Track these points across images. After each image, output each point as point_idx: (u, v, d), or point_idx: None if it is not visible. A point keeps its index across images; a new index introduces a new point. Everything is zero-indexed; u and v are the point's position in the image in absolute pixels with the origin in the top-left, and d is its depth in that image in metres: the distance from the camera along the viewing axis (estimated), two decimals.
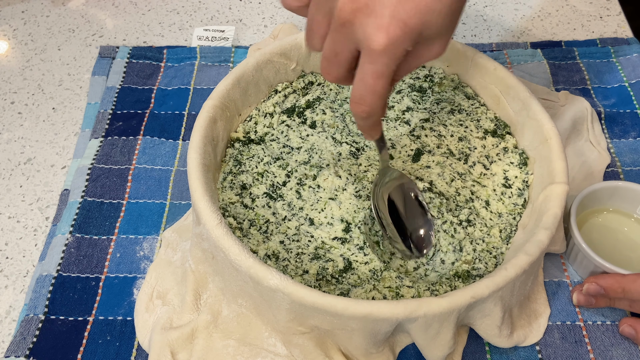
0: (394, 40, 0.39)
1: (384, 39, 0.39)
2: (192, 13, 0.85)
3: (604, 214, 0.59)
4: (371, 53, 0.40)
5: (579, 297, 0.54)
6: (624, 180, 0.61)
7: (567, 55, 0.76)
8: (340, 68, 0.43)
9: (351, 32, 0.40)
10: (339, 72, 0.44)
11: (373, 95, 0.41)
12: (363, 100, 0.42)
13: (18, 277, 0.59)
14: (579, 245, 0.54)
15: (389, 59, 0.40)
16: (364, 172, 0.58)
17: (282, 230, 0.54)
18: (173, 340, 0.50)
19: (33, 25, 0.83)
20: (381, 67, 0.40)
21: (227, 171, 0.58)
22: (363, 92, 0.42)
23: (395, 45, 0.39)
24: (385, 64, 0.40)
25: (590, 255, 0.53)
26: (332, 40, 0.42)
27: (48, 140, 0.70)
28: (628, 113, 0.70)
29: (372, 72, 0.40)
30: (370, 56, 0.40)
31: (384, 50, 0.39)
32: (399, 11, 0.38)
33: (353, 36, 0.40)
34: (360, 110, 0.43)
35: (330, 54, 0.43)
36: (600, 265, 0.52)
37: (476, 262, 0.53)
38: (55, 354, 0.52)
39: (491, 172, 0.59)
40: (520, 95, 0.59)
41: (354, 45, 0.41)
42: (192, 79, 0.74)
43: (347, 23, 0.40)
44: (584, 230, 0.57)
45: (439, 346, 0.47)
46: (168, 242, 0.58)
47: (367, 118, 0.44)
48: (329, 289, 0.51)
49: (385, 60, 0.40)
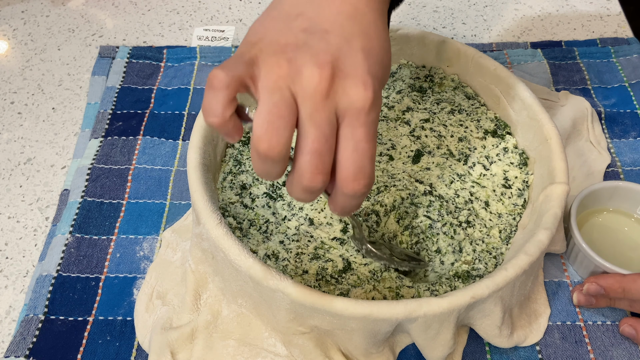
0: (378, 94, 0.36)
1: (370, 94, 0.36)
2: (192, 13, 0.85)
3: (604, 214, 0.59)
4: (360, 114, 0.36)
5: (579, 297, 0.54)
6: (624, 180, 0.61)
7: (567, 55, 0.75)
8: (331, 157, 0.36)
9: (334, 103, 0.36)
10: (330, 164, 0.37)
11: (371, 162, 0.37)
12: (364, 172, 0.36)
13: (18, 277, 0.59)
14: (579, 245, 0.54)
15: (376, 115, 0.37)
16: None
17: (281, 230, 0.54)
18: (173, 340, 0.50)
19: (33, 25, 0.83)
20: (371, 127, 0.36)
21: (227, 171, 0.58)
22: (362, 163, 0.36)
23: (379, 99, 0.37)
24: (374, 122, 0.37)
25: (590, 255, 0.53)
26: (315, 126, 0.35)
27: (48, 140, 0.70)
28: (628, 113, 0.69)
29: (365, 135, 0.36)
30: (359, 118, 0.36)
31: (372, 106, 0.36)
32: (369, 67, 0.37)
33: (336, 107, 0.36)
34: (363, 184, 0.37)
35: (321, 144, 0.36)
36: (601, 265, 0.52)
37: (476, 262, 0.53)
38: (55, 354, 0.52)
39: (491, 172, 0.59)
40: (521, 95, 0.59)
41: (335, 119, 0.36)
42: (192, 79, 0.74)
43: (330, 93, 0.35)
44: (584, 230, 0.57)
45: (439, 346, 0.47)
46: (168, 242, 0.58)
47: (367, 192, 0.38)
48: (329, 289, 0.51)
49: (374, 116, 0.36)
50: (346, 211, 0.40)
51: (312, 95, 0.35)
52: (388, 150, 0.60)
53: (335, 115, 0.36)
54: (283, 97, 0.35)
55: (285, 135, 0.35)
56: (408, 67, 0.66)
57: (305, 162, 0.36)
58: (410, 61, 0.67)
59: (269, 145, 0.35)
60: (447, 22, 0.83)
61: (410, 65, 0.67)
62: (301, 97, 0.35)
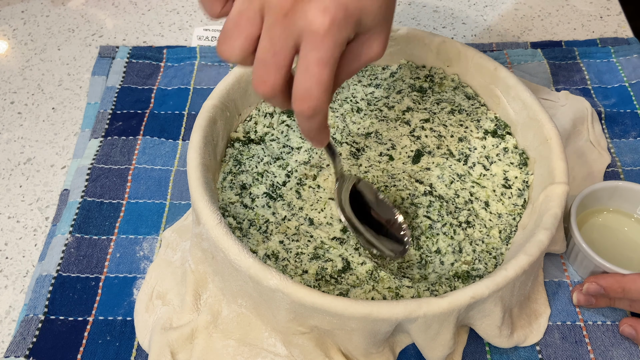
0: (337, 22, 0.38)
1: (327, 20, 0.37)
2: (192, 13, 0.85)
3: (604, 214, 0.59)
4: (315, 37, 0.38)
5: (579, 296, 0.54)
6: (624, 180, 0.61)
7: (567, 55, 0.75)
8: (279, 72, 0.40)
9: (292, 22, 0.38)
10: (276, 78, 0.40)
11: (319, 86, 0.39)
12: (309, 94, 0.39)
13: (18, 277, 0.59)
14: (579, 245, 0.54)
15: (333, 43, 0.38)
16: (365, 173, 0.58)
17: (281, 230, 0.54)
18: (173, 340, 0.50)
19: (33, 25, 0.83)
20: (325, 53, 0.38)
21: (227, 171, 0.58)
22: (308, 84, 0.39)
23: (339, 28, 0.38)
24: (329, 49, 0.38)
25: (590, 255, 0.53)
26: (269, 38, 0.39)
27: (48, 140, 0.70)
28: (628, 113, 0.69)
29: (317, 59, 0.38)
30: (314, 41, 0.38)
31: (327, 32, 0.38)
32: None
33: (294, 27, 0.38)
34: (307, 106, 0.40)
35: (267, 54, 0.39)
36: (601, 265, 0.52)
37: (476, 262, 0.53)
38: (55, 354, 0.52)
39: (491, 172, 0.59)
40: (521, 95, 0.59)
41: (294, 39, 0.39)
42: (192, 79, 0.74)
43: (290, 12, 0.38)
44: (584, 230, 0.57)
45: (439, 346, 0.47)
46: (168, 242, 0.58)
47: (314, 116, 0.41)
48: (328, 289, 0.51)
49: (329, 43, 0.38)
50: (308, 135, 0.43)
51: (274, 10, 0.38)
52: (388, 150, 0.60)
53: (295, 35, 0.39)
54: (249, 8, 0.39)
55: (238, 43, 0.40)
56: (408, 67, 0.66)
57: (253, 72, 0.40)
58: (411, 61, 0.67)
59: (223, 49, 0.40)
60: (447, 22, 0.83)
61: (410, 65, 0.67)
62: (266, 12, 0.39)
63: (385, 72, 0.67)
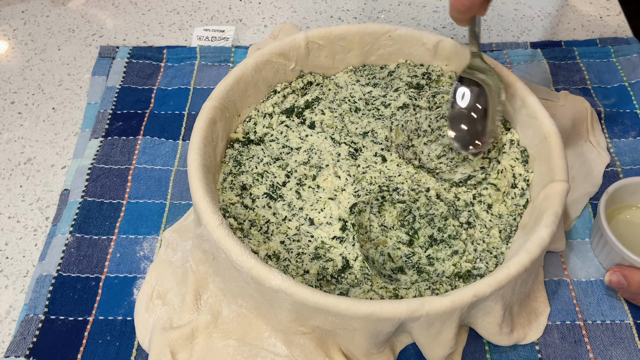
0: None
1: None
2: (192, 13, 0.85)
3: (633, 209, 0.58)
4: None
5: (611, 276, 0.53)
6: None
7: (567, 55, 0.76)
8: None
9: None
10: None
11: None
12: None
13: (18, 277, 0.59)
14: (607, 236, 0.53)
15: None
16: (363, 174, 0.58)
17: (282, 230, 0.54)
18: (173, 340, 0.50)
19: (33, 25, 0.83)
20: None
21: (227, 172, 0.58)
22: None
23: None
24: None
25: (618, 248, 0.53)
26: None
27: (48, 140, 0.70)
28: (628, 113, 0.70)
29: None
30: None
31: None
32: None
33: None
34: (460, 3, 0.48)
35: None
36: (628, 257, 0.52)
37: (477, 261, 0.53)
38: (55, 354, 0.52)
39: (504, 168, 0.59)
40: (520, 94, 0.59)
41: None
42: (192, 79, 0.74)
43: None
44: (612, 225, 0.57)
45: (440, 345, 0.47)
46: (168, 242, 0.58)
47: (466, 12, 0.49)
48: (329, 289, 0.51)
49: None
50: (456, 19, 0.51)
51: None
52: (382, 151, 0.60)
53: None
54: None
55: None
56: (406, 66, 0.66)
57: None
58: (409, 60, 0.67)
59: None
60: (447, 22, 0.83)
61: (408, 64, 0.67)
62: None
63: (383, 72, 0.67)
